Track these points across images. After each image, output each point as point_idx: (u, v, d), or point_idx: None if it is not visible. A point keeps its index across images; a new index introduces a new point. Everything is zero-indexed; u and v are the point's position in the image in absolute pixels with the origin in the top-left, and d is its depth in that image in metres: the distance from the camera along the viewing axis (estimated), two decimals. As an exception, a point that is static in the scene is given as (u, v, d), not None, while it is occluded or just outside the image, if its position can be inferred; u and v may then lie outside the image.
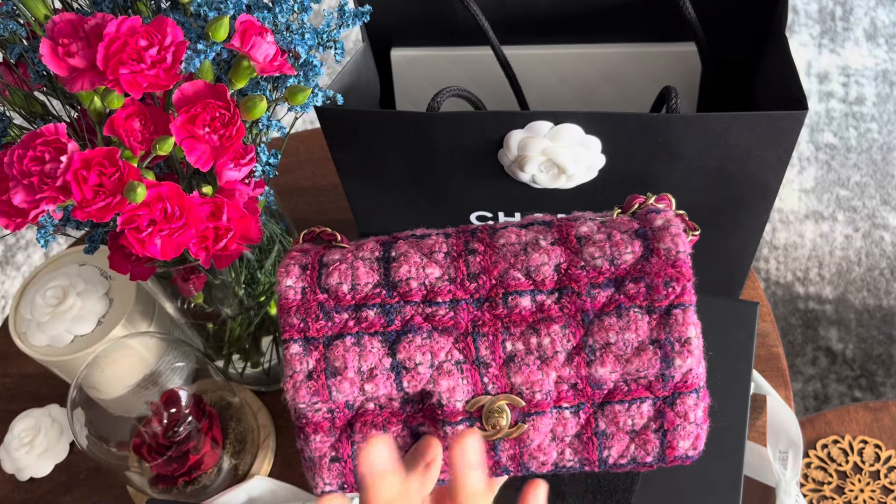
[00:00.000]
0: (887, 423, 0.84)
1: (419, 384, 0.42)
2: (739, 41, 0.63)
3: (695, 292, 0.41)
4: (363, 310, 0.43)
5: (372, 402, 0.43)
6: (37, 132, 0.42)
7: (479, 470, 0.39)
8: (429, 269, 0.43)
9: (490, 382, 0.42)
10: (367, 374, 0.42)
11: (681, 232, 0.42)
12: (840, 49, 1.89)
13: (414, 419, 0.43)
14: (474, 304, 0.42)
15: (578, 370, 0.41)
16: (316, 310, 0.43)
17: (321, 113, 0.55)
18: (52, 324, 0.63)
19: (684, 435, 0.42)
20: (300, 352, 0.42)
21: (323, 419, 0.43)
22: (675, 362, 0.40)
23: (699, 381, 0.42)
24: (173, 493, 0.62)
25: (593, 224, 0.43)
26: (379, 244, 0.45)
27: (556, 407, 0.42)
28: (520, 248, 0.43)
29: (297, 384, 0.42)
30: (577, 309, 0.41)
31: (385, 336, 0.42)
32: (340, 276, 0.43)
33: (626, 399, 0.42)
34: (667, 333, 0.40)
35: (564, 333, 0.41)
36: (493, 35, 0.61)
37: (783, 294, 1.53)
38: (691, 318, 0.41)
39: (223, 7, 0.45)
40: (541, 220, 0.45)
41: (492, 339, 0.42)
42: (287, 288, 0.43)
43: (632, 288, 0.41)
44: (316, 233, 0.48)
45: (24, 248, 1.77)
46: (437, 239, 0.44)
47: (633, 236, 0.42)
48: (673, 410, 0.42)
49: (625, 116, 0.50)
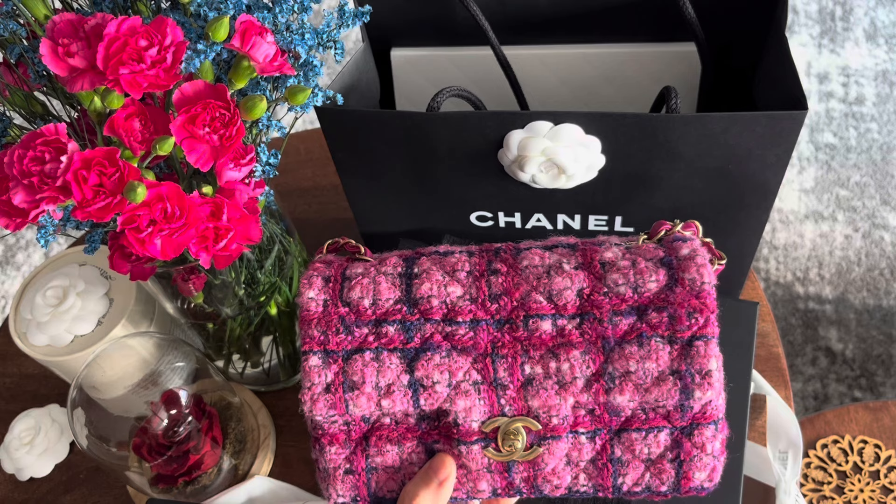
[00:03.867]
0: (887, 423, 0.84)
1: (436, 402, 0.42)
2: (739, 41, 0.63)
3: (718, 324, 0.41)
4: (383, 325, 0.42)
5: (388, 418, 0.43)
6: (37, 132, 0.42)
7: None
8: (450, 288, 0.43)
9: (507, 404, 0.41)
10: (384, 389, 0.42)
11: (706, 262, 0.41)
12: (840, 49, 1.89)
13: (429, 436, 0.43)
14: (494, 326, 0.42)
15: (597, 397, 0.41)
16: (337, 323, 0.43)
17: (321, 113, 0.55)
18: (52, 324, 0.63)
19: (701, 466, 0.42)
20: (319, 364, 0.42)
21: (339, 431, 0.43)
22: (695, 394, 0.40)
23: (718, 412, 0.41)
24: (173, 493, 0.62)
25: (618, 250, 0.43)
26: (402, 259, 0.45)
27: (573, 432, 0.42)
28: (543, 271, 0.42)
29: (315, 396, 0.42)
30: (598, 335, 0.41)
31: (404, 353, 0.42)
32: (362, 291, 0.43)
33: (644, 427, 0.41)
34: (688, 365, 0.40)
35: (584, 360, 0.41)
36: (493, 35, 0.61)
37: (783, 294, 1.53)
38: (713, 350, 0.40)
39: (223, 7, 0.45)
40: (565, 243, 0.44)
41: (510, 361, 0.41)
42: (309, 300, 0.43)
43: (654, 317, 0.41)
44: (340, 244, 0.47)
45: (24, 248, 1.77)
46: (461, 257, 0.44)
47: (658, 265, 0.42)
48: (690, 441, 0.41)
49: (625, 116, 0.50)
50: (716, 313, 0.41)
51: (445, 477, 0.42)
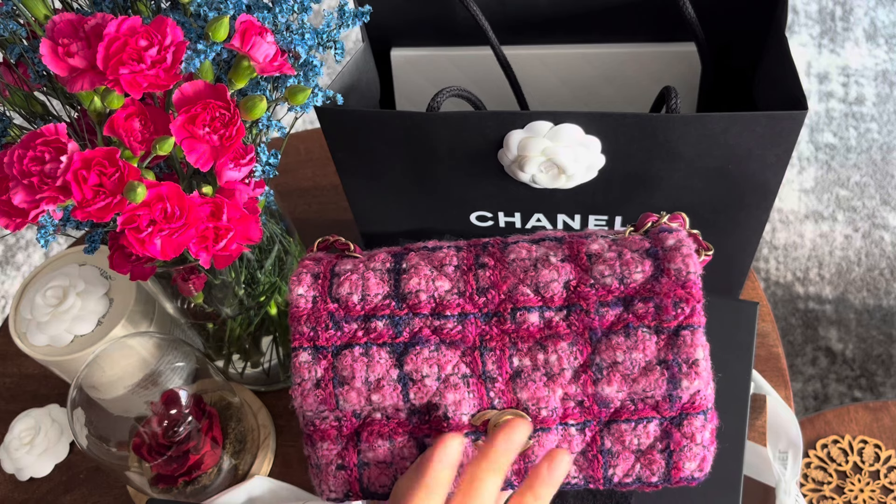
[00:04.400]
0: (887, 423, 0.84)
1: (425, 396, 0.42)
2: (739, 41, 0.63)
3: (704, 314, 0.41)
4: (372, 320, 0.43)
5: (379, 412, 0.43)
6: (37, 132, 0.42)
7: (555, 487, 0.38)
8: (438, 282, 0.43)
9: (496, 397, 0.42)
10: (374, 384, 0.42)
11: (692, 252, 0.42)
12: (840, 49, 1.89)
13: (420, 430, 0.43)
14: (482, 319, 0.42)
15: (585, 388, 0.41)
16: (326, 319, 0.43)
17: (321, 113, 0.55)
18: (52, 324, 0.63)
19: (690, 456, 0.42)
20: (309, 360, 0.43)
21: (330, 427, 0.43)
22: (683, 383, 0.40)
23: (707, 402, 0.41)
24: (173, 493, 0.62)
25: (604, 242, 0.43)
26: (391, 255, 0.45)
27: (562, 424, 0.42)
28: (530, 264, 0.43)
29: (305, 392, 0.42)
30: (585, 327, 0.41)
31: (393, 347, 0.42)
32: (351, 287, 0.43)
33: (633, 418, 0.42)
34: (674, 354, 0.40)
35: (572, 351, 0.41)
36: (493, 35, 0.61)
37: (783, 294, 1.53)
38: (700, 339, 0.40)
39: (223, 7, 0.45)
40: (552, 237, 0.45)
41: (499, 353, 0.42)
42: (298, 296, 0.44)
43: (640, 307, 0.41)
44: (330, 241, 0.48)
45: (24, 248, 1.77)
46: (448, 252, 0.44)
47: (644, 255, 0.42)
48: (680, 431, 0.42)
49: (625, 116, 0.50)
50: (702, 303, 0.41)
51: None
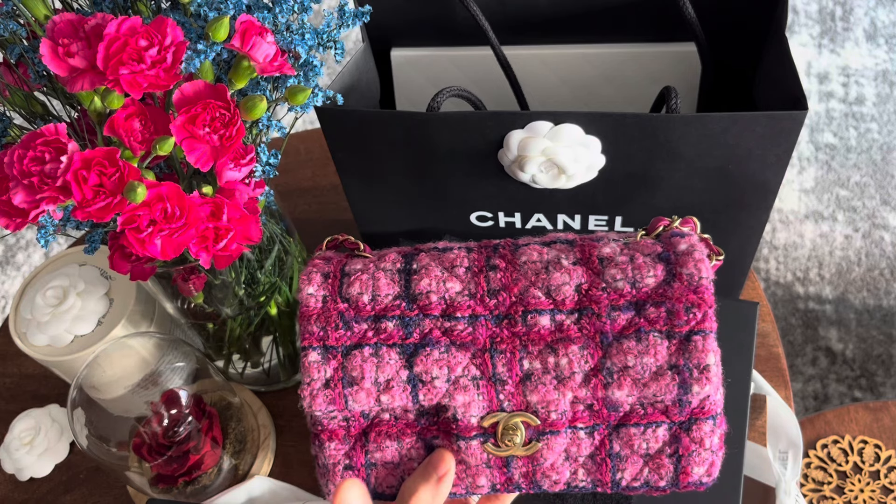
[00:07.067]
0: (887, 423, 0.84)
1: (435, 398, 0.42)
2: (739, 41, 0.63)
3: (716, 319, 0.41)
4: (382, 321, 0.43)
5: (387, 413, 0.43)
6: (37, 132, 0.42)
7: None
8: (449, 284, 0.43)
9: (506, 399, 0.41)
10: (383, 385, 0.42)
11: (704, 257, 0.41)
12: (840, 49, 1.89)
13: (428, 431, 0.43)
14: (493, 321, 0.42)
15: (595, 392, 0.41)
16: (336, 319, 0.43)
17: (321, 113, 0.55)
18: (52, 324, 0.63)
19: (699, 461, 0.42)
20: (318, 360, 0.42)
21: (338, 427, 0.43)
22: (693, 389, 0.40)
23: (717, 407, 0.41)
24: (173, 493, 0.62)
25: (616, 245, 0.43)
26: (401, 256, 0.45)
27: (571, 427, 0.42)
28: (541, 267, 0.42)
29: (314, 392, 0.42)
30: (596, 330, 0.41)
31: (403, 348, 0.42)
32: (361, 287, 0.43)
33: (642, 422, 0.41)
34: (686, 359, 0.40)
35: (582, 354, 0.41)
36: (493, 35, 0.61)
37: (783, 294, 1.53)
38: (711, 345, 0.40)
39: (223, 7, 0.45)
40: (563, 239, 0.44)
41: (509, 356, 0.41)
42: (308, 296, 0.43)
43: (652, 312, 0.41)
44: (339, 241, 0.48)
45: (24, 248, 1.77)
46: (459, 253, 0.44)
47: (656, 260, 0.42)
48: (689, 436, 0.41)
49: (625, 116, 0.50)
50: (714, 308, 0.41)
51: (445, 472, 0.42)
